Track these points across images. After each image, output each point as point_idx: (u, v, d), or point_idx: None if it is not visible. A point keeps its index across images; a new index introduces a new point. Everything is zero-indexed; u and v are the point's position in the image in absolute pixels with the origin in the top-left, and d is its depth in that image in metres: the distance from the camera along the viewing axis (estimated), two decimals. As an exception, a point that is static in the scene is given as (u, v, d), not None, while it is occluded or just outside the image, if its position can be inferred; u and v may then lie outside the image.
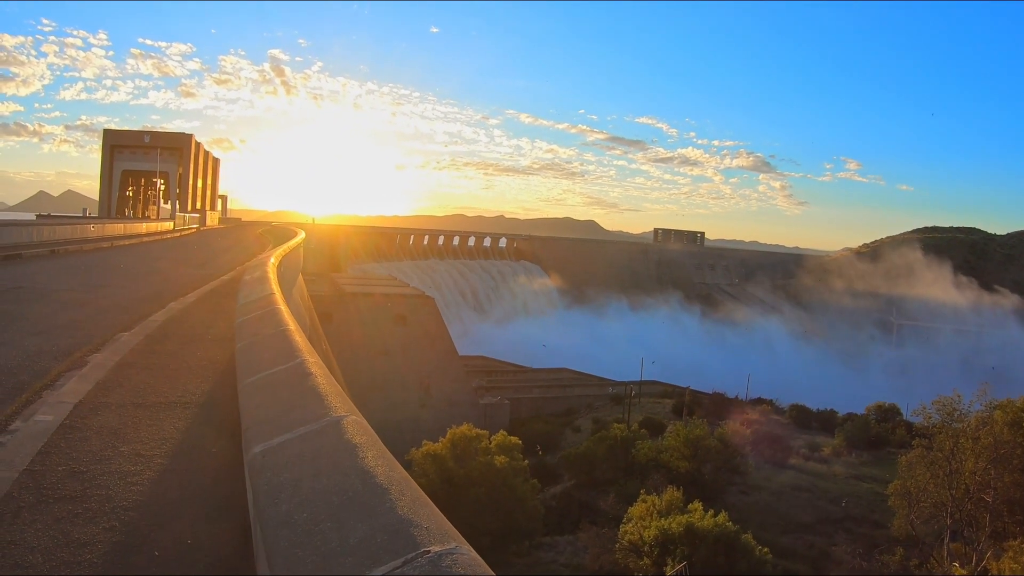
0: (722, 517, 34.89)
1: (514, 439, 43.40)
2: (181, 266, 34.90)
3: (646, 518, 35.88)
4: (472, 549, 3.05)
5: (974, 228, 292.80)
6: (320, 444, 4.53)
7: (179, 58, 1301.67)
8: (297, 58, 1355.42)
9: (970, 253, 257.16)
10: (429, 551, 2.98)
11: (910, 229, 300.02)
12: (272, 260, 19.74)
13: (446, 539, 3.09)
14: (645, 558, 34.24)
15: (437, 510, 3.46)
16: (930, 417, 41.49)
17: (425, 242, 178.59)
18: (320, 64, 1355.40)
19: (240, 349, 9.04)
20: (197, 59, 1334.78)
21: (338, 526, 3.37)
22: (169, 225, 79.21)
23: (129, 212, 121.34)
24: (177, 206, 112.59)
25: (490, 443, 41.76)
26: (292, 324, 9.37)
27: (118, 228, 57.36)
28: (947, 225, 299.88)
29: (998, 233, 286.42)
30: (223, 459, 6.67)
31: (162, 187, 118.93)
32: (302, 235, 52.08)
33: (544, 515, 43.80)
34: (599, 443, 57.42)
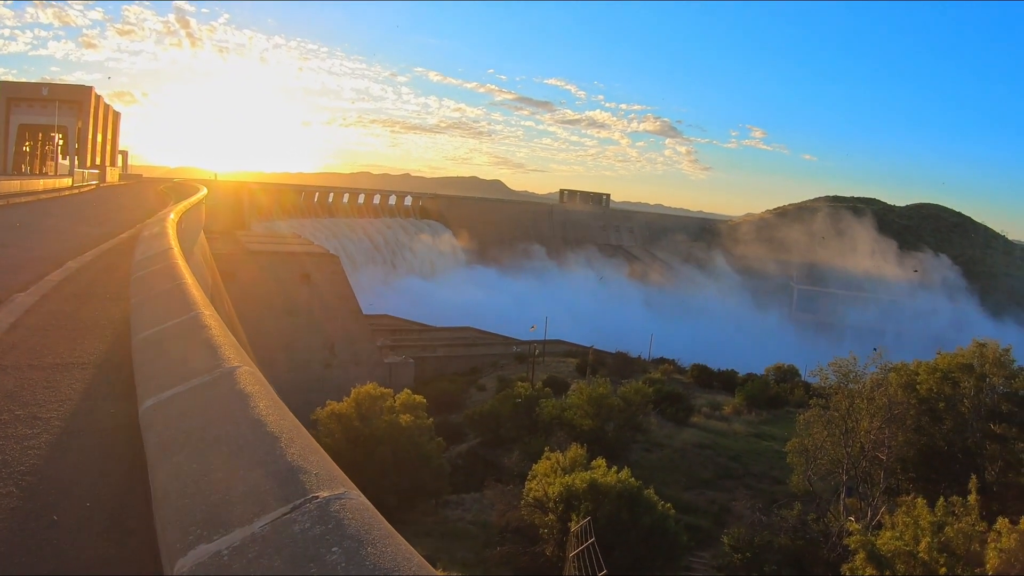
0: (625, 473, 35.30)
1: (418, 398, 43.43)
2: (79, 224, 34.02)
3: (550, 475, 36.15)
4: (361, 494, 3.04)
5: (874, 199, 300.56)
6: (212, 395, 4.46)
7: (81, 7, 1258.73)
8: (203, 9, 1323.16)
9: (870, 222, 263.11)
10: (317, 496, 2.97)
11: (813, 197, 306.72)
12: (172, 216, 19.36)
13: (335, 484, 3.08)
14: (550, 514, 34.54)
15: (327, 457, 3.44)
16: (827, 378, 42.58)
17: (330, 200, 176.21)
18: (227, 16, 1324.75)
19: (135, 304, 8.87)
20: (100, 8, 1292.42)
21: (227, 476, 3.33)
22: (67, 182, 77.12)
23: (26, 168, 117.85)
24: (76, 162, 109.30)
25: (395, 402, 41.70)
26: (189, 278, 9.20)
27: (14, 185, 55.49)
28: (848, 195, 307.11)
29: (897, 204, 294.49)
30: (122, 419, 6.53)
31: (60, 142, 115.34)
32: (204, 191, 51.24)
33: (450, 473, 44.02)
34: (504, 402, 57.71)
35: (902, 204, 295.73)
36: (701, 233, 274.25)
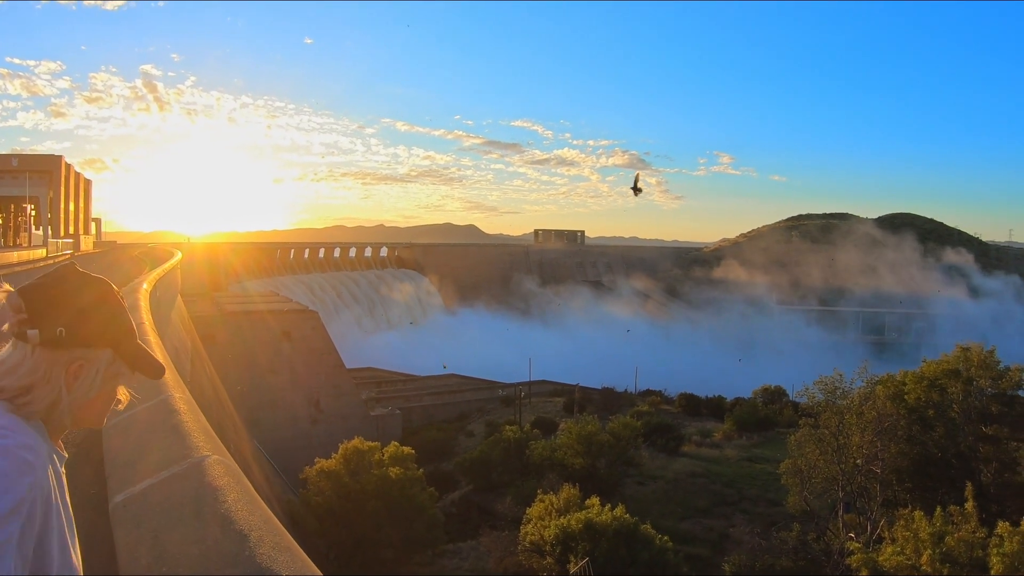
0: (619, 510, 35.11)
1: (407, 449, 43.04)
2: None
3: (545, 518, 35.92)
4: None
5: (846, 213, 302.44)
6: (181, 488, 4.31)
7: (48, 76, 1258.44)
8: (170, 73, 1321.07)
9: (837, 238, 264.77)
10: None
11: (785, 217, 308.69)
12: (145, 286, 19.04)
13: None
14: (548, 557, 34.28)
15: (299, 552, 3.31)
16: (814, 397, 42.73)
17: (306, 256, 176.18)
18: (194, 79, 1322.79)
19: (104, 387, 8.65)
20: (67, 77, 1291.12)
21: (196, 582, 3.17)
22: (42, 252, 76.57)
23: (0, 240, 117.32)
24: (49, 232, 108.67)
25: (383, 455, 41.36)
26: (159, 355, 8.98)
27: (-12, 258, 55.17)
28: (820, 212, 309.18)
29: (869, 217, 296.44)
30: (102, 503, 6.31)
31: (33, 213, 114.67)
32: (178, 256, 51.10)
33: (444, 522, 43.62)
34: (493, 446, 57.41)
35: (874, 216, 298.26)
36: (678, 262, 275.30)
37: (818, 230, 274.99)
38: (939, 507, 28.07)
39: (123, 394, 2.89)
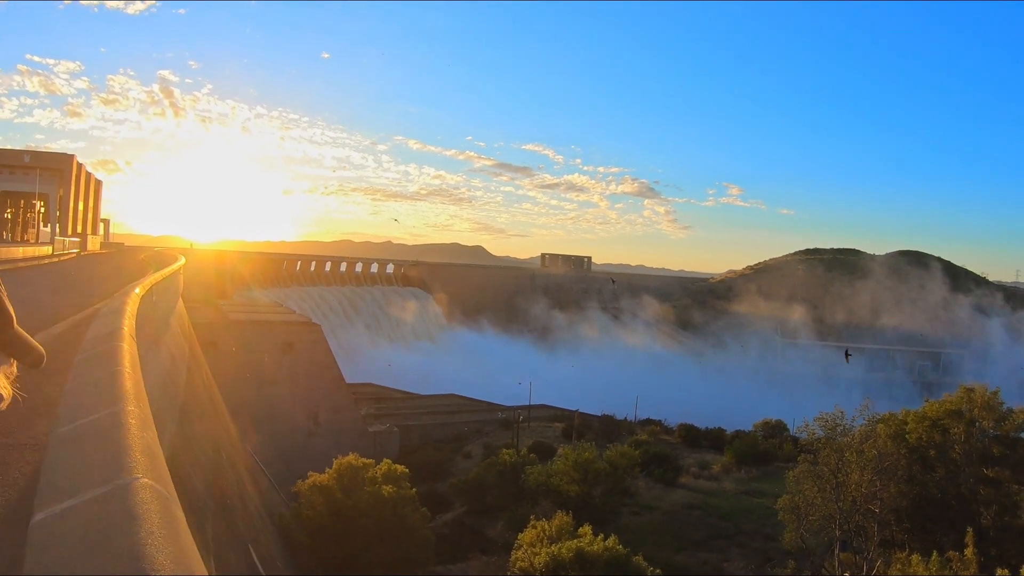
0: (612, 540, 34.75)
1: (400, 468, 42.75)
2: (55, 294, 33.47)
3: (536, 544, 35.58)
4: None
5: (854, 249, 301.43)
6: (102, 513, 3.97)
7: (67, 76, 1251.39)
8: (187, 80, 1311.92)
9: (851, 272, 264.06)
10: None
11: (792, 251, 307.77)
12: (137, 289, 18.70)
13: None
14: (537, 585, 33.92)
15: None
16: (814, 433, 42.44)
17: (312, 268, 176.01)
18: (210, 86, 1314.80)
19: (66, 392, 8.36)
20: (85, 78, 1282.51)
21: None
22: (47, 250, 76.44)
23: (7, 235, 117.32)
24: (57, 230, 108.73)
25: (377, 473, 41.06)
26: (127, 364, 8.67)
27: (-9, 252, 54.99)
28: (828, 247, 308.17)
29: (877, 253, 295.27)
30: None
31: (42, 210, 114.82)
32: (182, 260, 50.91)
33: (436, 543, 43.27)
34: (489, 469, 57.15)
35: (882, 252, 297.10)
36: (685, 291, 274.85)
37: (835, 264, 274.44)
38: (935, 551, 27.79)
39: (4, 388, 2.64)
